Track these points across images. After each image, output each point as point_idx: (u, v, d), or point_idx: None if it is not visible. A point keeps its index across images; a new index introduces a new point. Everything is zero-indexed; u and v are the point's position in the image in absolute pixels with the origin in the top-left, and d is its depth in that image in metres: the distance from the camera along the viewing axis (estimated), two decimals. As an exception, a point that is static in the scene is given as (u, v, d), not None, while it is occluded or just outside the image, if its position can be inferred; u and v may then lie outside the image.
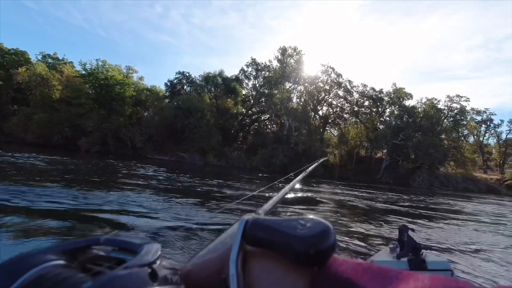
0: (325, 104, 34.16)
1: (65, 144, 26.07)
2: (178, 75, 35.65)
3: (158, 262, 0.28)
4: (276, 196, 0.92)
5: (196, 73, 34.95)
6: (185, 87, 35.68)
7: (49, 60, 33.22)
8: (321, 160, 2.81)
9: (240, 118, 34.02)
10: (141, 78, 33.62)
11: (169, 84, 35.43)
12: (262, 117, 34.68)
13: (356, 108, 33.15)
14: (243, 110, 34.57)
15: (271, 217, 0.27)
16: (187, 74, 35.62)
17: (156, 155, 26.94)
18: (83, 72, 27.88)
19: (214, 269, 0.27)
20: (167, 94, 34.52)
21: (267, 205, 0.78)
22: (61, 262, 0.27)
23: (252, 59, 33.79)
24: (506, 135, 37.50)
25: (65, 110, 26.84)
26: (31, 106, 27.07)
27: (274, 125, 34.13)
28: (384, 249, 2.86)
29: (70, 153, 20.58)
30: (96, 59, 27.87)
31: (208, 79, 32.89)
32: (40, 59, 32.46)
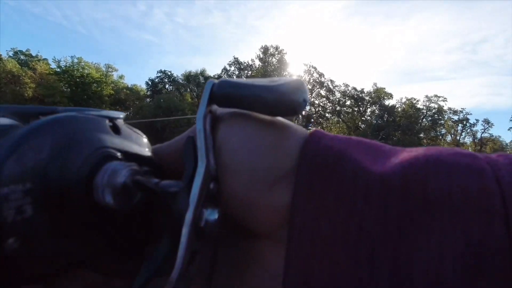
0: (307, 103, 34.23)
1: (38, 145, 24.90)
2: (159, 74, 34.92)
3: (121, 122, 0.24)
4: None
5: (180, 73, 34.15)
6: (166, 86, 35.01)
7: (21, 57, 31.67)
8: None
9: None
10: (121, 77, 32.63)
11: (150, 83, 34.64)
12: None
13: (338, 108, 33.49)
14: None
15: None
16: (169, 73, 34.94)
17: (135, 155, 26.24)
18: (58, 69, 26.78)
19: (183, 143, 0.23)
20: (148, 93, 33.73)
21: None
22: (12, 121, 0.22)
23: (235, 58, 33.52)
24: (481, 134, 38.93)
25: (38, 109, 25.59)
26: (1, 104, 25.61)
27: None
28: None
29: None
30: (71, 56, 26.86)
31: (190, 78, 32.37)
32: (12, 55, 30.96)
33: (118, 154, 0.20)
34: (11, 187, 0.15)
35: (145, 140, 0.25)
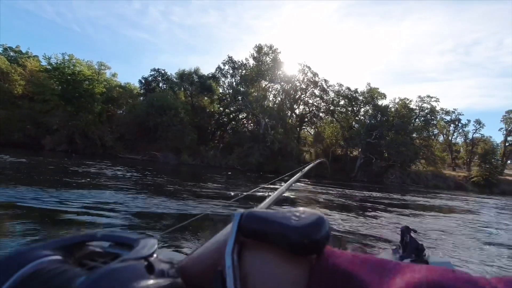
0: (301, 103, 34.32)
1: (28, 143, 24.48)
2: (153, 72, 34.56)
3: (154, 255, 0.28)
4: (272, 196, 0.91)
5: (175, 71, 33.81)
6: (160, 84, 34.66)
7: (11, 54, 31.14)
8: (317, 162, 2.60)
9: (217, 116, 33.51)
10: (114, 75, 32.25)
11: (143, 81, 34.25)
12: (240, 116, 34.36)
13: (332, 107, 33.56)
14: (221, 108, 34.08)
15: (265, 210, 0.27)
16: (163, 72, 34.60)
17: (127, 154, 25.92)
18: (49, 67, 26.30)
19: (210, 262, 0.27)
20: (142, 91, 33.34)
21: (263, 204, 0.77)
22: (58, 257, 0.27)
23: (229, 57, 33.41)
24: (473, 135, 39.41)
25: (28, 107, 25.14)
26: (-10, 102, 25.17)
27: (251, 124, 33.90)
28: (386, 250, 2.85)
29: (33, 152, 19.33)
30: (62, 53, 26.33)
31: (183, 76, 32.07)
32: (1, 52, 30.38)
33: None
34: None
35: (173, 267, 0.28)
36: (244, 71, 32.40)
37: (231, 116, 34.34)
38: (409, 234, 4.50)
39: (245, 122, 34.81)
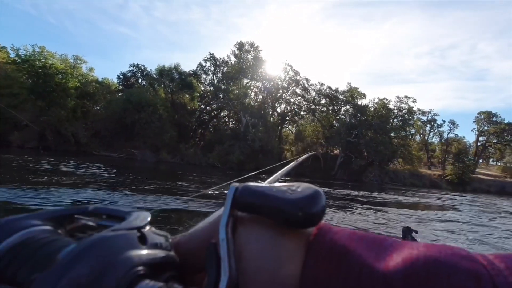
0: (283, 101, 34.37)
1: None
2: (132, 68, 33.55)
3: (147, 228, 0.27)
4: (266, 181, 0.79)
5: (155, 68, 32.91)
6: (140, 80, 33.70)
7: (-23, 45, 29.31)
8: (310, 154, 2.44)
9: (198, 114, 32.96)
10: (90, 70, 30.96)
11: (122, 76, 33.18)
12: (222, 114, 33.97)
13: (313, 106, 33.81)
14: (202, 106, 33.55)
15: (261, 184, 0.27)
16: (142, 67, 33.67)
17: (103, 151, 24.99)
18: (17, 59, 24.89)
19: (204, 238, 0.27)
20: (120, 87, 32.28)
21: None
22: (48, 227, 0.27)
23: (210, 54, 32.93)
24: (447, 135, 40.87)
25: (-6, 101, 23.73)
26: (-48, 96, 23.51)
27: (233, 122, 33.60)
28: None
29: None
30: (33, 45, 25.00)
31: (163, 72, 31.30)
32: (-34, 42, 28.50)
33: (147, 269, 0.22)
34: None
35: (168, 241, 0.28)
36: (225, 69, 32.04)
37: (213, 113, 33.90)
38: (411, 235, 4.45)
39: (226, 120, 34.47)
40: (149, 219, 0.28)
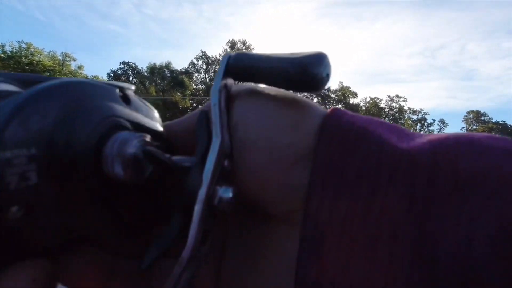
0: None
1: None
2: (122, 66, 33.10)
3: (131, 93, 0.23)
4: None
5: (146, 65, 32.57)
6: (130, 78, 33.28)
7: (-39, 40, 28.55)
8: None
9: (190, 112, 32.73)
10: (80, 67, 30.50)
11: (112, 74, 32.71)
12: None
13: (305, 105, 33.84)
14: (194, 104, 33.36)
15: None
16: (133, 65, 33.25)
17: (92, 150, 24.64)
18: (3, 55, 24.32)
19: (195, 119, 0.21)
20: (110, 85, 31.79)
21: None
22: (12, 86, 0.20)
23: (202, 52, 32.73)
24: (437, 133, 41.36)
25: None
26: None
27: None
28: None
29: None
30: (19, 41, 24.44)
31: (154, 70, 31.00)
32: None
33: (129, 124, 0.19)
34: (14, 151, 0.13)
35: (156, 114, 0.24)
36: (217, 67, 31.77)
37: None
38: None
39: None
40: (133, 88, 0.23)
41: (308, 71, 0.18)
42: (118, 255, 0.20)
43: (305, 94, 0.22)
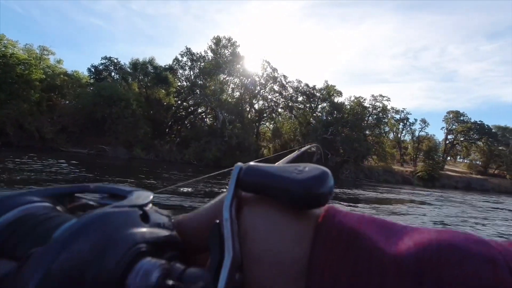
0: (260, 98, 34.20)
1: None
2: (104, 61, 32.01)
3: (149, 206, 0.27)
4: None
5: (128, 61, 31.58)
6: (113, 74, 32.28)
7: None
8: (311, 146, 2.48)
9: (174, 110, 32.09)
10: (59, 61, 29.29)
11: (93, 69, 31.59)
12: (199, 110, 33.30)
13: (290, 103, 33.92)
14: (179, 101, 32.71)
15: (266, 164, 0.26)
16: (115, 60, 32.22)
17: (71, 147, 23.70)
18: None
19: (208, 219, 0.26)
20: (92, 81, 30.70)
21: None
22: (47, 204, 0.26)
23: (187, 48, 32.11)
24: (419, 133, 42.52)
25: None
26: None
27: (210, 118, 33.05)
28: None
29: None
30: (-10, 33, 23.22)
31: (137, 66, 30.14)
32: None
33: (149, 247, 0.22)
34: None
35: (170, 220, 0.27)
36: (203, 64, 31.39)
37: (189, 109, 33.15)
38: None
39: (203, 116, 33.84)
40: (151, 197, 0.27)
41: (312, 193, 0.21)
42: None
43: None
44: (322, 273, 0.19)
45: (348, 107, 33.87)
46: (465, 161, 47.74)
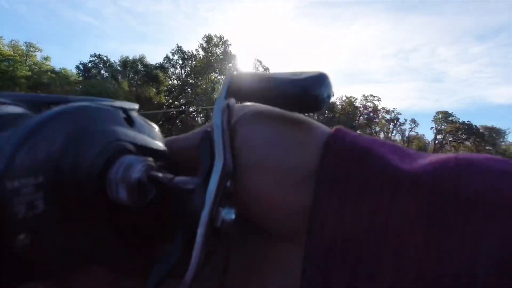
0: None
1: None
2: (93, 58, 31.46)
3: (135, 113, 0.23)
4: None
5: (118, 59, 31.15)
6: (102, 71, 31.75)
7: None
8: None
9: (165, 109, 31.76)
10: (46, 58, 28.67)
11: (81, 67, 31.01)
12: (190, 109, 33.04)
13: (282, 103, 33.90)
14: (170, 100, 32.39)
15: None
16: (105, 58, 31.70)
17: (58, 146, 23.23)
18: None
19: (199, 137, 0.22)
20: (80, 79, 30.15)
21: None
22: (19, 108, 0.20)
23: (178, 46, 31.78)
24: (409, 132, 43.08)
25: None
26: None
27: (202, 118, 32.85)
28: None
29: None
30: (-27, 28, 22.56)
31: (127, 64, 29.72)
32: None
33: (133, 147, 0.19)
34: (22, 180, 0.14)
35: (158, 133, 0.24)
36: (194, 62, 31.15)
37: (180, 108, 32.84)
38: None
39: (195, 115, 33.61)
40: (137, 107, 0.24)
41: (309, 92, 0.19)
42: (121, 273, 0.20)
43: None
44: (329, 189, 0.17)
45: (340, 106, 34.16)
46: (454, 160, 48.37)
